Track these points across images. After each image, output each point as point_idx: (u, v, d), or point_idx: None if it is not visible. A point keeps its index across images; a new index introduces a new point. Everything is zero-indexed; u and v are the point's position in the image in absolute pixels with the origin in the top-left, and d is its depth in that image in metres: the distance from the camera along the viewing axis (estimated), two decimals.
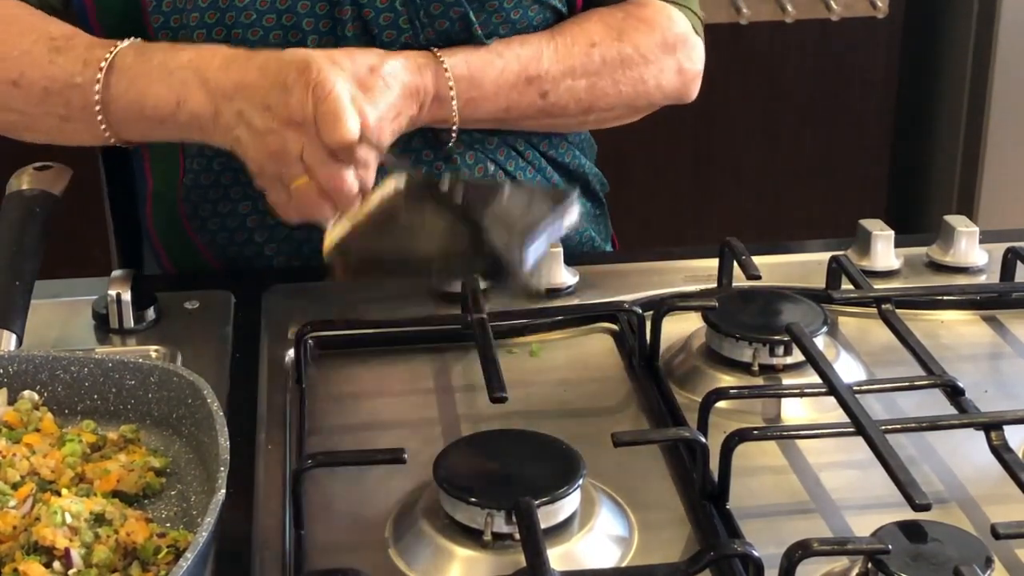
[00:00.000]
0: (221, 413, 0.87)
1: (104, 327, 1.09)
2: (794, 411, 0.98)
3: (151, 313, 1.10)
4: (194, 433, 0.91)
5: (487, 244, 0.90)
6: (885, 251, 1.19)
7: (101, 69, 1.06)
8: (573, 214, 0.96)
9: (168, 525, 0.85)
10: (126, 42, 1.07)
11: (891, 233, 1.19)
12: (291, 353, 1.04)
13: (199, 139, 1.06)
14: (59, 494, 0.82)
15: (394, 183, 0.98)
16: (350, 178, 0.97)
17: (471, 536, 0.81)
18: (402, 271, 0.98)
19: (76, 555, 0.78)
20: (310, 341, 1.04)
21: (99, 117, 1.07)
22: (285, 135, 0.97)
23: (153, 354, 1.05)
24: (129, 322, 1.08)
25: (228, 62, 1.02)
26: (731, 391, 0.95)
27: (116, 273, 1.10)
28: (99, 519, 0.81)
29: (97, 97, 1.06)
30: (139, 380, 0.94)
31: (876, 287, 1.11)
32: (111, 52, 1.06)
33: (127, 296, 1.08)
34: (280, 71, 0.98)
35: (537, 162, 1.27)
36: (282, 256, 1.25)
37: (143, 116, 1.06)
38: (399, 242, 0.95)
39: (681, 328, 1.08)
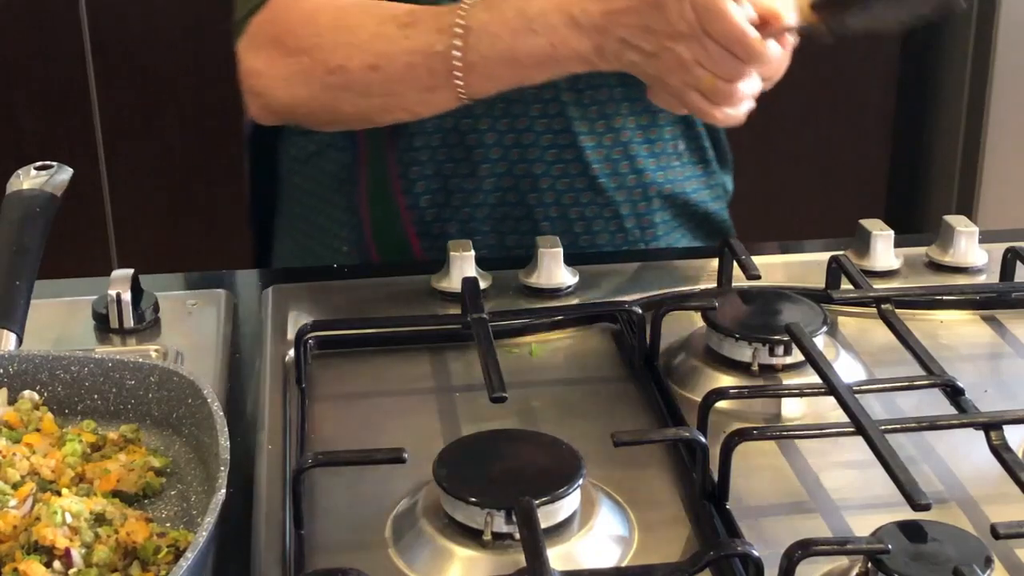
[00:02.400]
0: (221, 413, 0.87)
1: (104, 327, 1.09)
2: (794, 411, 0.98)
3: (151, 313, 1.10)
4: (194, 433, 0.91)
5: None
6: (885, 251, 1.19)
7: (458, 34, 1.05)
8: None
9: (168, 525, 0.85)
10: (469, 1, 1.07)
11: (891, 233, 1.19)
12: (291, 353, 1.04)
13: (578, 71, 1.07)
14: (59, 494, 0.82)
15: None
16: (758, 50, 0.98)
17: (471, 536, 0.81)
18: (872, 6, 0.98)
19: (76, 555, 0.78)
20: (310, 341, 1.04)
21: (460, 80, 1.07)
22: (677, 49, 0.99)
23: (153, 354, 1.05)
24: (129, 322, 1.08)
25: None
26: (731, 391, 0.95)
27: (116, 273, 1.10)
28: (99, 519, 0.81)
29: (459, 62, 1.06)
30: (139, 380, 0.94)
31: (876, 287, 1.11)
32: (461, 12, 1.06)
33: (127, 296, 1.08)
34: None
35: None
36: (488, 224, 1.26)
37: (518, 68, 1.06)
38: None
39: (681, 328, 1.08)
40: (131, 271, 1.10)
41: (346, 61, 1.09)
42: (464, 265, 1.13)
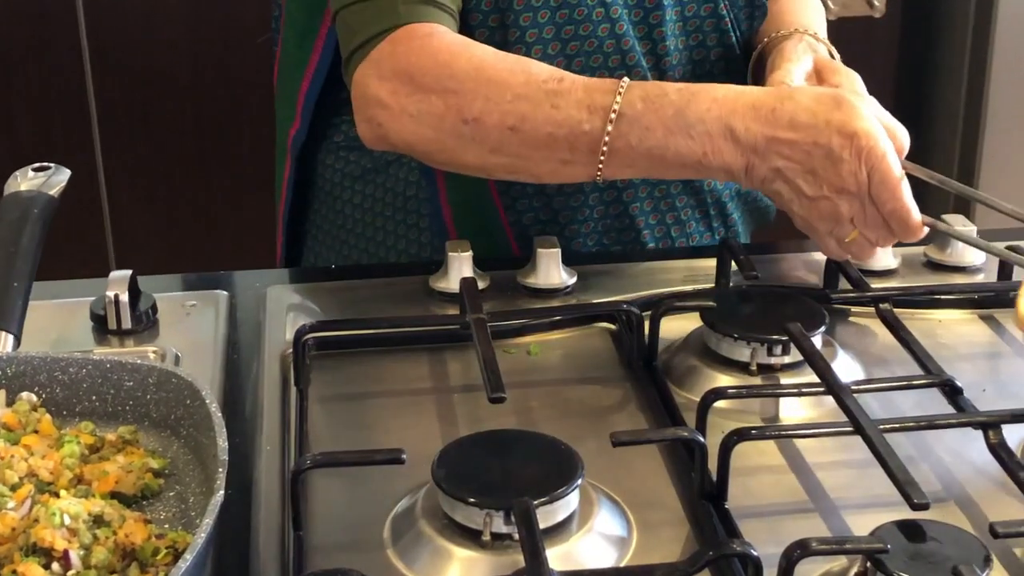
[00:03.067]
0: (220, 414, 0.87)
1: (102, 328, 1.09)
2: (792, 410, 0.98)
3: (149, 314, 1.10)
4: (192, 434, 0.91)
5: None
6: (883, 250, 1.19)
7: (611, 120, 1.03)
8: None
9: (167, 526, 0.85)
10: (625, 84, 1.04)
11: None
12: (290, 353, 1.04)
13: (721, 180, 1.10)
14: (58, 495, 0.82)
15: None
16: (915, 230, 1.01)
17: (470, 536, 0.81)
18: None
19: (75, 556, 0.78)
20: (309, 341, 1.04)
21: (602, 161, 1.04)
22: (837, 202, 1.00)
23: (151, 355, 1.05)
24: (127, 323, 1.08)
25: (752, 110, 1.01)
26: (729, 391, 0.95)
27: (114, 274, 1.10)
28: (98, 520, 0.81)
29: (606, 147, 1.04)
30: (137, 381, 0.94)
31: (874, 286, 1.11)
32: (617, 98, 1.03)
33: (125, 297, 1.08)
34: (819, 133, 0.99)
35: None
36: (592, 237, 1.27)
37: (661, 165, 1.05)
38: None
39: (679, 328, 1.08)
40: (129, 272, 1.10)
41: (484, 115, 1.05)
42: (462, 265, 1.13)
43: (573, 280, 1.15)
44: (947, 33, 2.58)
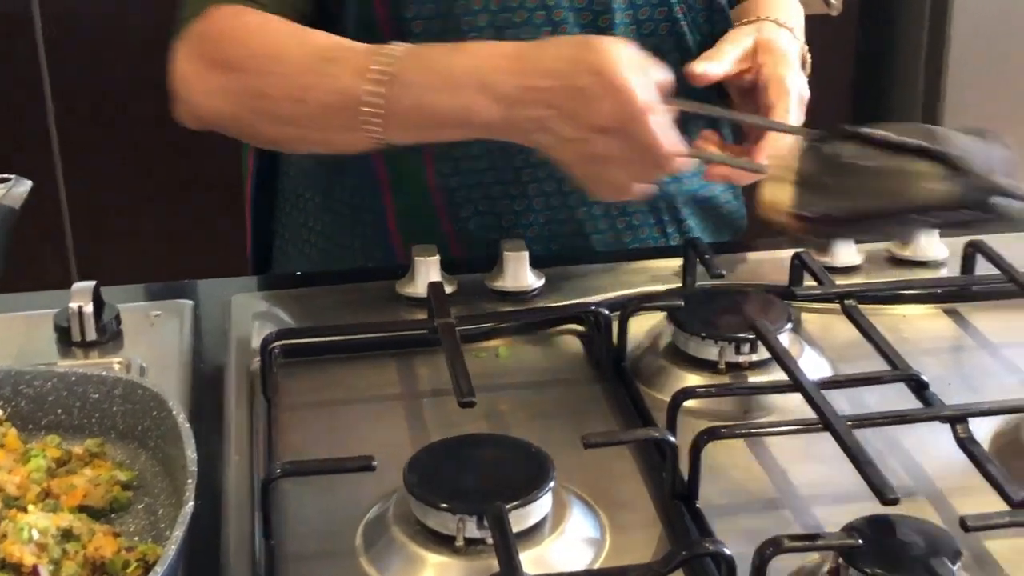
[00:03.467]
0: (187, 425, 0.86)
1: (66, 340, 1.08)
2: (761, 408, 0.98)
3: (113, 325, 1.09)
4: (160, 445, 0.91)
5: (974, 176, 0.82)
6: (846, 247, 1.20)
7: (381, 80, 1.03)
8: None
9: (136, 539, 0.85)
10: (399, 48, 1.04)
11: None
12: (257, 362, 1.03)
13: (493, 138, 1.06)
14: (25, 510, 0.81)
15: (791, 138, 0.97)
16: (671, 146, 0.98)
17: (443, 542, 0.81)
18: (883, 223, 0.91)
19: (44, 572, 0.77)
20: (276, 350, 1.03)
21: (378, 127, 1.04)
22: (597, 141, 0.98)
23: (116, 366, 1.04)
24: (92, 334, 1.07)
25: (508, 63, 1.01)
26: (699, 390, 0.95)
27: (77, 286, 1.09)
28: (67, 535, 0.80)
29: (383, 111, 1.03)
30: (103, 393, 0.94)
31: (838, 283, 1.12)
32: (390, 61, 1.04)
33: (89, 308, 1.07)
34: (569, 76, 0.98)
35: None
36: (538, 243, 1.26)
37: (436, 126, 1.05)
38: (865, 193, 0.88)
39: (647, 328, 1.08)
40: (92, 283, 1.09)
41: (272, 90, 1.08)
42: (429, 270, 1.13)
43: (541, 283, 1.15)
44: (904, 30, 2.60)
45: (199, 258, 2.59)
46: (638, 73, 0.98)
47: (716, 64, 1.15)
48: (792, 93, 1.13)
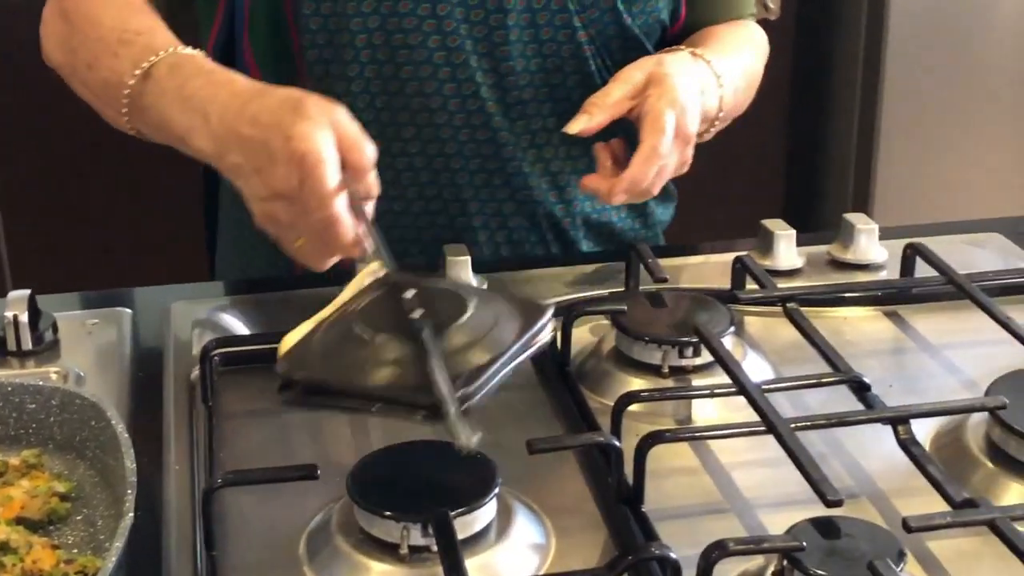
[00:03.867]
0: (126, 434, 0.86)
1: (1, 350, 1.06)
2: (705, 411, 0.98)
3: (50, 334, 1.07)
4: (99, 456, 0.90)
5: (432, 382, 0.78)
6: (787, 250, 1.20)
7: (140, 77, 1.05)
8: (546, 333, 0.85)
9: (75, 551, 0.84)
10: (172, 54, 1.05)
11: (793, 232, 1.21)
12: (196, 370, 1.02)
13: (207, 161, 1.03)
14: None
15: (368, 272, 0.92)
16: (343, 233, 0.94)
17: (387, 550, 0.81)
18: (346, 402, 0.83)
19: None
20: (216, 358, 1.02)
21: (127, 116, 1.07)
22: (275, 205, 0.96)
23: (54, 376, 1.03)
24: (27, 344, 1.06)
25: (230, 99, 0.99)
26: (643, 394, 0.95)
27: (12, 294, 1.07)
28: (3, 547, 0.79)
29: (127, 100, 1.06)
30: (40, 403, 0.92)
31: (780, 286, 1.12)
32: (153, 58, 1.05)
33: (24, 317, 1.05)
34: (267, 131, 0.95)
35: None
36: (416, 248, 1.26)
37: (166, 131, 1.04)
38: (347, 363, 0.82)
39: (591, 333, 1.08)
40: (28, 292, 1.07)
41: (80, 50, 1.12)
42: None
43: (483, 287, 1.15)
44: (841, 33, 2.63)
45: (135, 264, 2.56)
46: (329, 148, 0.93)
47: (597, 113, 1.12)
48: (666, 132, 1.08)
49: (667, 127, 1.08)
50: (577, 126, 1.12)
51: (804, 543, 0.76)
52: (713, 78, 1.17)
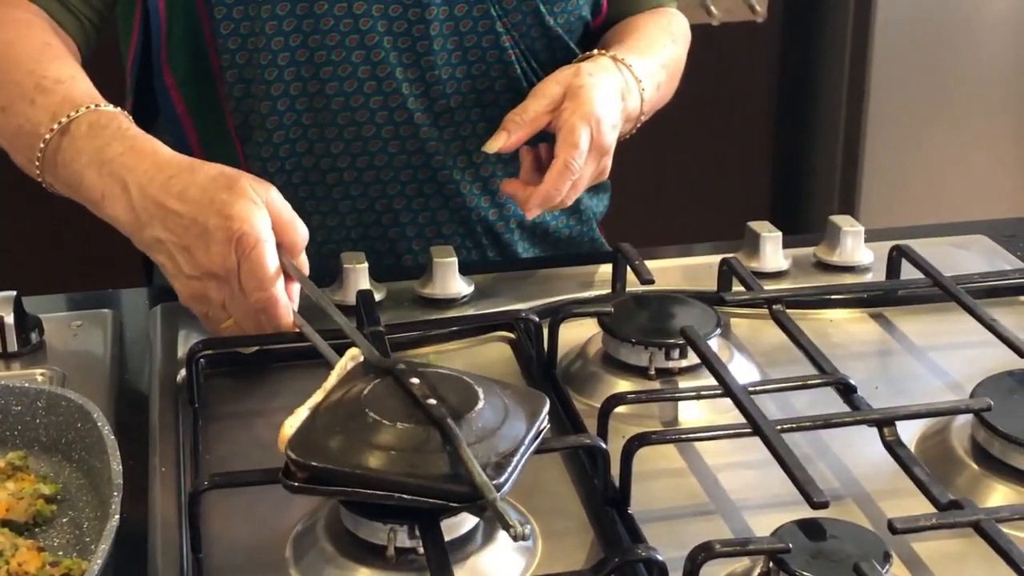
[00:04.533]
0: (112, 437, 0.85)
1: None
2: (691, 413, 0.99)
3: (36, 336, 1.07)
4: (85, 458, 0.89)
5: (468, 471, 0.76)
6: (774, 252, 1.21)
7: (52, 130, 1.02)
8: (546, 422, 0.85)
9: (61, 553, 0.83)
10: (93, 112, 1.03)
11: (779, 234, 1.21)
12: (183, 372, 1.02)
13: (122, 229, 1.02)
14: None
15: (351, 356, 0.90)
16: (282, 315, 0.96)
17: (374, 553, 0.80)
18: (362, 491, 0.78)
19: None
20: (202, 360, 1.02)
21: (38, 165, 1.04)
22: (206, 285, 0.96)
23: (39, 377, 1.03)
24: (13, 345, 1.06)
25: (154, 171, 0.97)
26: (629, 396, 0.95)
27: None
28: None
29: (40, 154, 1.03)
30: (25, 405, 0.92)
31: (766, 288, 1.12)
32: (74, 114, 1.02)
33: (10, 319, 1.05)
34: (200, 210, 0.94)
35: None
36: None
37: (76, 192, 1.03)
38: (366, 451, 0.78)
39: (577, 335, 1.08)
40: (13, 293, 1.07)
41: None
42: (359, 277, 1.12)
43: (470, 289, 1.15)
44: (827, 36, 2.64)
45: (121, 266, 2.55)
46: (267, 230, 0.94)
47: (515, 130, 1.12)
48: (579, 147, 1.09)
49: (580, 142, 1.09)
50: (496, 144, 1.12)
51: (790, 545, 0.77)
52: (635, 82, 1.18)
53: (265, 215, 0.95)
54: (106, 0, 1.20)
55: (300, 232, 0.98)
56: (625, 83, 1.16)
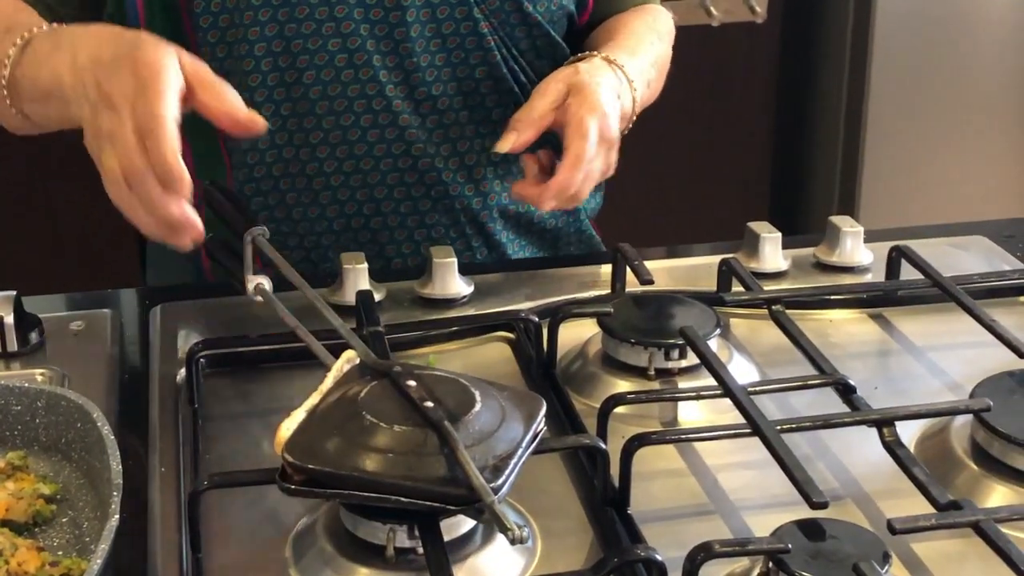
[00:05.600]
0: (112, 436, 0.85)
1: None
2: (691, 414, 0.99)
3: (35, 335, 1.07)
4: (84, 458, 0.89)
5: (466, 474, 0.76)
6: (773, 253, 1.21)
7: (18, 46, 1.05)
8: (543, 425, 0.84)
9: (60, 553, 0.83)
10: (53, 26, 1.07)
11: (779, 235, 1.21)
12: (183, 372, 1.02)
13: (73, 117, 1.00)
14: None
15: (347, 358, 0.90)
16: (168, 154, 0.90)
17: (373, 553, 0.80)
18: (359, 494, 0.78)
19: None
20: (202, 360, 1.02)
21: (6, 92, 1.06)
22: (103, 114, 0.93)
23: (39, 378, 1.03)
24: (13, 345, 1.06)
25: (100, 39, 0.98)
26: (629, 396, 0.95)
27: None
28: None
29: (6, 72, 1.05)
30: (25, 405, 0.92)
31: (766, 288, 1.12)
32: (34, 31, 1.06)
33: (10, 319, 1.05)
34: (125, 48, 0.94)
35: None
36: (334, 254, 1.24)
37: (36, 89, 1.04)
38: (363, 454, 0.78)
39: (577, 335, 1.08)
40: (13, 293, 1.07)
41: None
42: (358, 278, 1.12)
43: (470, 290, 1.15)
44: (827, 37, 2.64)
45: (120, 266, 2.55)
46: (173, 68, 0.93)
47: (524, 129, 1.13)
48: (589, 138, 1.09)
49: (591, 133, 1.09)
50: (506, 144, 1.12)
51: (789, 545, 0.77)
52: (627, 83, 1.19)
53: (175, 60, 0.94)
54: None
55: (225, 96, 0.95)
56: (619, 83, 1.17)
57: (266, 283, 1.01)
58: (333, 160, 1.24)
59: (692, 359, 1.01)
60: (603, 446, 0.87)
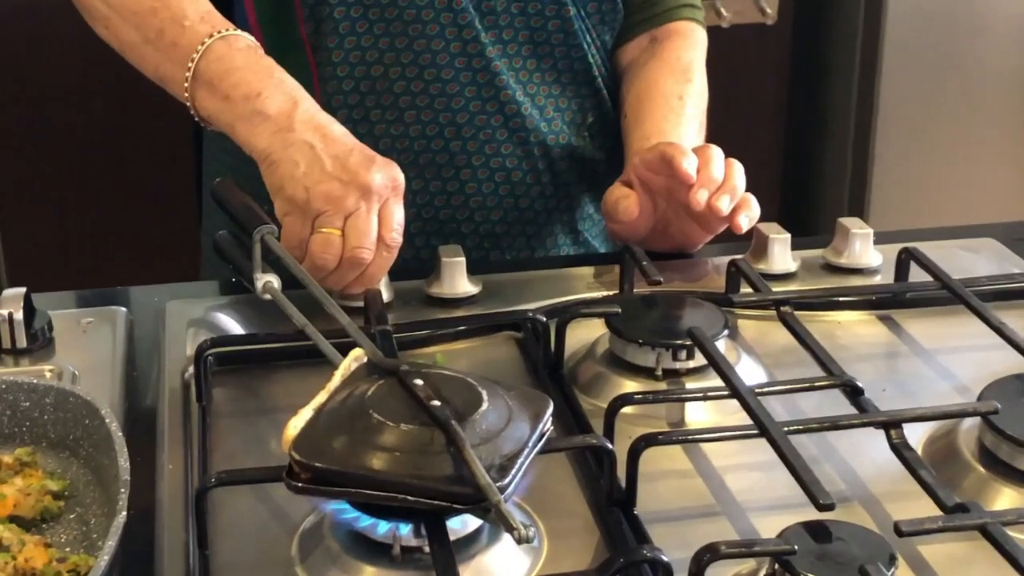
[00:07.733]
0: (120, 433, 0.85)
1: None
2: (698, 415, 0.99)
3: (45, 332, 1.07)
4: (92, 454, 0.89)
5: (472, 473, 0.76)
6: (782, 254, 1.21)
7: (217, 36, 1.11)
8: (549, 424, 0.84)
9: (68, 549, 0.84)
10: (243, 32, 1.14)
11: (787, 236, 1.21)
12: (191, 370, 1.02)
13: (245, 133, 1.10)
14: None
15: (355, 357, 0.90)
16: (369, 254, 1.05)
17: (379, 551, 0.81)
18: (366, 492, 0.78)
19: None
20: (210, 357, 1.02)
21: (187, 94, 1.12)
22: (349, 190, 1.05)
23: (48, 374, 1.03)
24: (22, 342, 1.06)
25: (317, 115, 1.10)
26: (636, 397, 0.95)
27: (7, 292, 1.07)
28: None
29: (200, 52, 1.11)
30: (34, 401, 0.92)
31: (774, 290, 1.12)
32: (231, 29, 1.13)
33: (19, 315, 1.05)
34: (363, 150, 1.08)
35: None
36: (416, 184, 1.30)
37: (225, 85, 1.10)
38: (370, 452, 0.78)
39: (585, 335, 1.08)
40: (23, 290, 1.07)
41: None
42: None
43: (478, 289, 1.15)
44: (837, 38, 2.63)
45: (130, 263, 2.56)
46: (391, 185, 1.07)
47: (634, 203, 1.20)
48: (713, 158, 1.20)
49: (713, 154, 1.20)
50: (621, 216, 1.21)
51: (795, 547, 0.77)
52: None
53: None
54: None
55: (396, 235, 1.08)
56: None
57: (275, 281, 1.01)
58: (420, 81, 1.28)
59: (700, 360, 1.01)
60: (610, 446, 0.87)
